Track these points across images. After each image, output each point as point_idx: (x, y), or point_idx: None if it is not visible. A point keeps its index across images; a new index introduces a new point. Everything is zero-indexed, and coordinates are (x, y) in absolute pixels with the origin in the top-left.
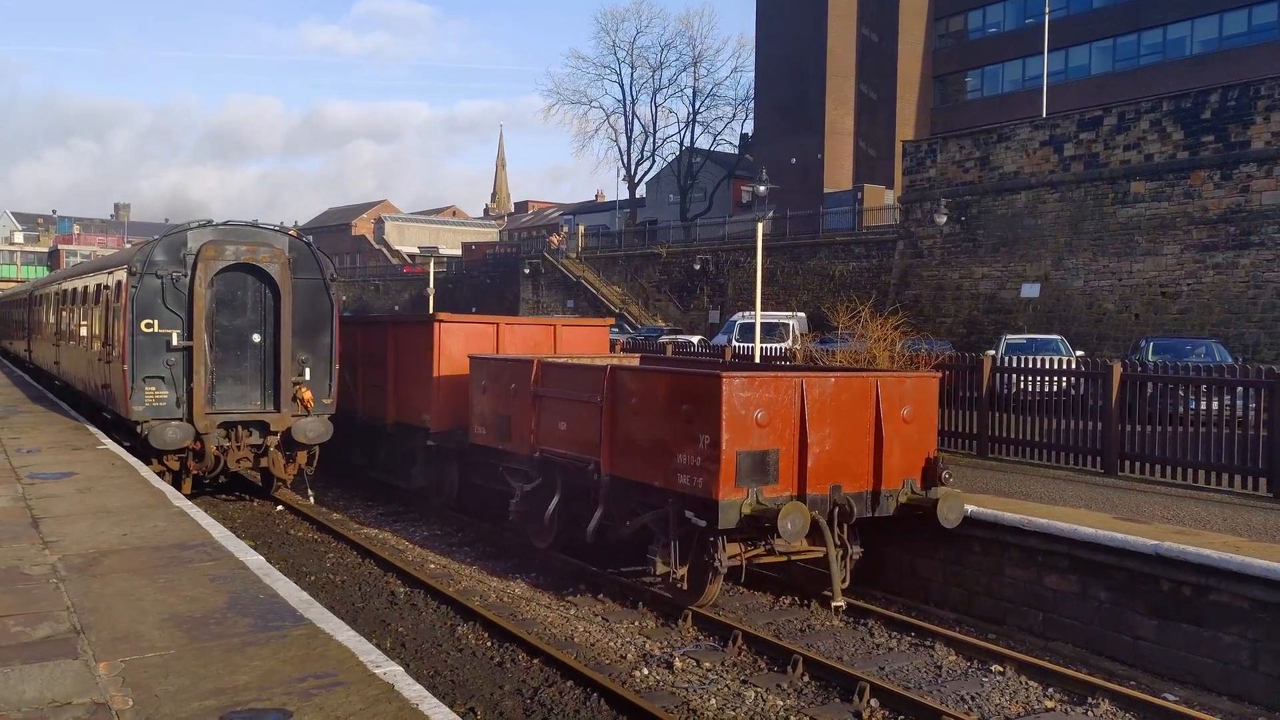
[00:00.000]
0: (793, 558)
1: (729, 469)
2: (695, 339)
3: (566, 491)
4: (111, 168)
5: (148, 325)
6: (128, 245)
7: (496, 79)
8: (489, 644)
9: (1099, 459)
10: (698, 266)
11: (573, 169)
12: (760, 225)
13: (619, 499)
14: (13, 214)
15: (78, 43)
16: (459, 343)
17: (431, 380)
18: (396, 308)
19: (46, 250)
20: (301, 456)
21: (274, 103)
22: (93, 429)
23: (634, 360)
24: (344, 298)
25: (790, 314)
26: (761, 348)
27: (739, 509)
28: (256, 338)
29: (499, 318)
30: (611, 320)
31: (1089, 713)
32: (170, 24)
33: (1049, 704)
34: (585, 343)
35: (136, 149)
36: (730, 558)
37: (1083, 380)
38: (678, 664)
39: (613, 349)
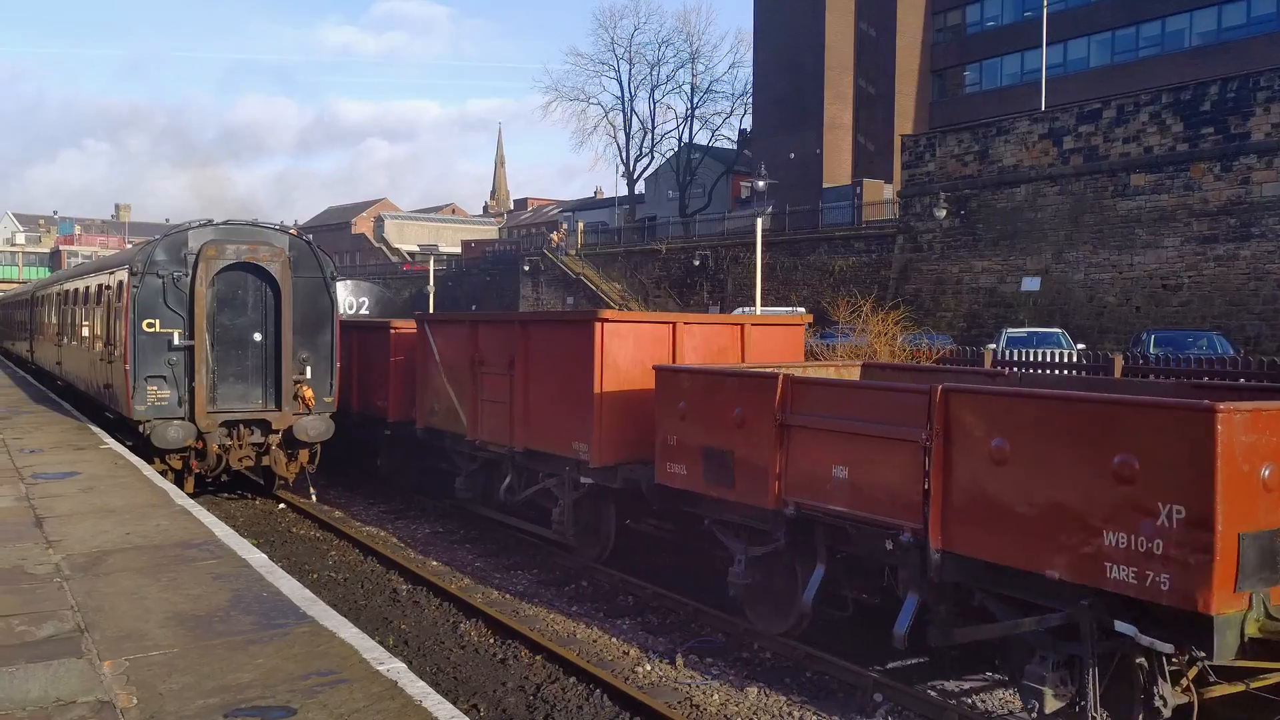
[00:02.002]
0: (1251, 686)
1: (1227, 562)
2: None
3: (836, 564)
4: (126, 169)
5: (149, 325)
6: (129, 246)
7: (507, 76)
8: (491, 641)
9: None
10: (697, 262)
11: (574, 166)
12: (759, 220)
13: (957, 589)
14: (14, 215)
15: (98, 44)
16: (627, 348)
17: (590, 399)
18: None
19: (48, 251)
20: (303, 455)
21: (287, 103)
22: (95, 429)
23: (855, 370)
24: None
25: (790, 309)
26: None
27: (1238, 628)
28: (258, 336)
29: (674, 315)
30: (809, 317)
31: None
32: (187, 24)
33: None
34: (779, 347)
35: (150, 150)
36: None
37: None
38: (680, 660)
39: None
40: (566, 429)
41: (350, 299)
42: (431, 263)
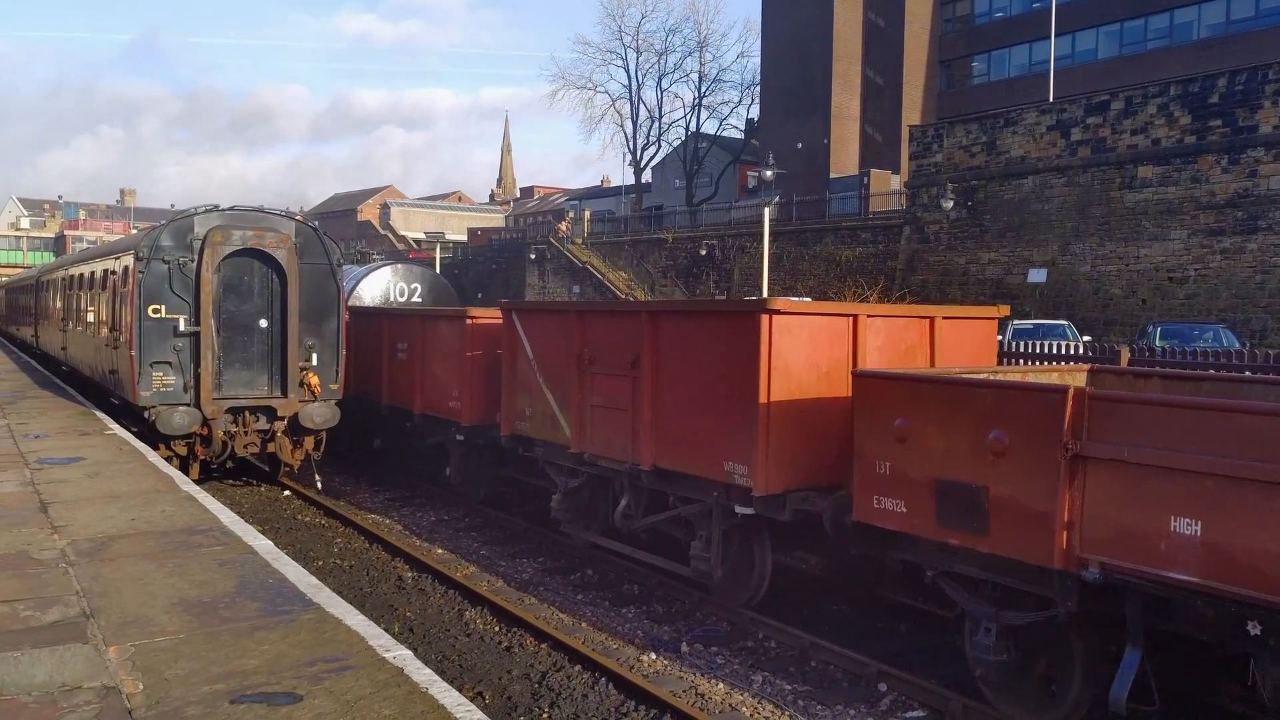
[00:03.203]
0: None
1: None
2: None
3: (1162, 648)
4: (138, 155)
5: (155, 311)
6: (134, 231)
7: (521, 65)
8: (497, 628)
9: None
10: (703, 252)
11: (585, 156)
12: (766, 210)
13: None
14: (19, 200)
15: (116, 29)
16: (800, 347)
17: (753, 410)
18: None
19: (53, 236)
20: (309, 442)
21: (301, 90)
22: (100, 414)
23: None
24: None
25: (798, 298)
26: None
27: None
28: (263, 323)
29: (856, 306)
30: (1005, 309)
31: None
32: (206, 10)
33: None
34: (972, 345)
35: (163, 136)
36: None
37: None
38: (685, 649)
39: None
40: (716, 445)
41: (401, 284)
42: (438, 250)
